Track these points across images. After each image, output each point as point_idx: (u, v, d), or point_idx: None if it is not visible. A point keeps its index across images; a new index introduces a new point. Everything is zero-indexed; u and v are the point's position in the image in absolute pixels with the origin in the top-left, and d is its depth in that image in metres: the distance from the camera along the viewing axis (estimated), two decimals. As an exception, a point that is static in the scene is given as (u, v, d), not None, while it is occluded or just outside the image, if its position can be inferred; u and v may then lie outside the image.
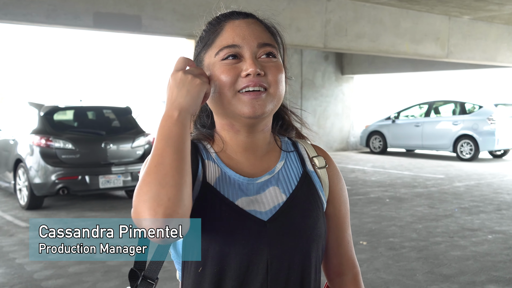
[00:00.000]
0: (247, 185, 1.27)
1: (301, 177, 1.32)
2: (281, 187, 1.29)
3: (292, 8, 9.73)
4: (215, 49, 1.24)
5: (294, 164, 1.35)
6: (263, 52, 1.25)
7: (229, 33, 1.25)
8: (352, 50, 11.08)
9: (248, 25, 1.26)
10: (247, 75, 1.21)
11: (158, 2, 8.14)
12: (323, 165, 1.36)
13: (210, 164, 1.28)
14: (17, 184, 8.39)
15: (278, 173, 1.31)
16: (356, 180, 11.31)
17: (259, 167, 1.31)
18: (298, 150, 1.38)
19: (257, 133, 1.29)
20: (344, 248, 1.40)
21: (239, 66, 1.22)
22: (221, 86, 1.22)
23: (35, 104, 8.76)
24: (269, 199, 1.27)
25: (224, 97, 1.22)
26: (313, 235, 1.27)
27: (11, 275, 5.08)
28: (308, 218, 1.27)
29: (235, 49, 1.23)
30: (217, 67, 1.23)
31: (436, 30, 12.05)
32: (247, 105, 1.21)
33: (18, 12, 7.17)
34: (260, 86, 1.21)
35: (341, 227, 1.39)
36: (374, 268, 5.28)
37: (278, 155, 1.35)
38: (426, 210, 8.12)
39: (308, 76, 17.04)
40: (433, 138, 15.49)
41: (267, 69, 1.24)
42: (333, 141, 17.84)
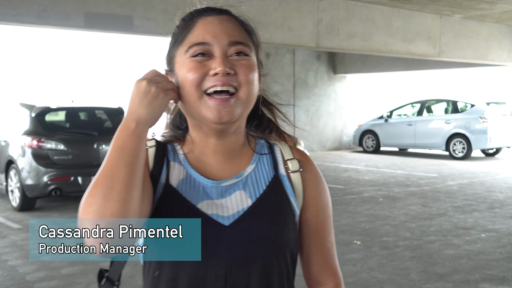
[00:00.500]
0: (211, 188, 1.22)
1: (270, 181, 1.26)
2: (248, 192, 1.23)
3: (284, 8, 9.72)
4: (185, 46, 1.20)
5: (265, 167, 1.28)
6: (234, 50, 1.20)
7: (200, 30, 1.20)
8: (344, 49, 11.09)
9: (221, 22, 1.21)
10: (215, 74, 1.16)
11: (150, 2, 8.10)
12: (296, 168, 1.29)
13: (176, 166, 1.24)
14: (9, 185, 8.34)
15: (247, 177, 1.25)
16: (350, 179, 11.31)
17: (228, 170, 1.25)
18: (273, 153, 1.32)
19: (228, 135, 1.24)
20: (324, 256, 1.33)
21: (208, 64, 1.17)
22: (188, 84, 1.17)
23: (26, 105, 8.71)
24: (234, 204, 1.21)
25: (190, 97, 1.17)
26: (279, 243, 1.20)
27: (4, 277, 5.04)
28: (274, 225, 1.21)
29: (205, 46, 1.18)
30: (186, 64, 1.18)
31: (428, 29, 12.07)
32: (212, 111, 1.16)
33: (8, 13, 7.12)
34: (229, 86, 1.16)
35: (320, 234, 1.32)
36: (368, 268, 5.28)
37: (250, 158, 1.29)
38: (420, 209, 8.13)
39: (301, 76, 17.04)
40: (426, 137, 15.53)
41: (238, 68, 1.18)
42: (326, 140, 17.84)
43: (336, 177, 11.65)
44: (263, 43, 6.00)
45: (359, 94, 18.92)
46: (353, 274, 5.08)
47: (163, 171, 1.22)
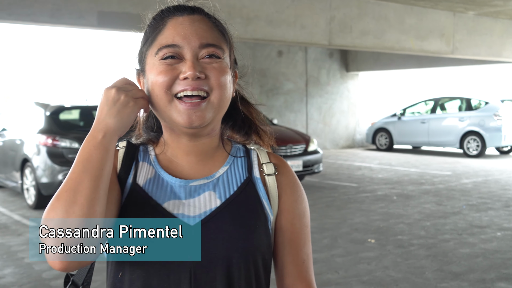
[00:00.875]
0: (179, 187, 1.19)
1: (242, 183, 1.22)
2: (217, 193, 1.19)
3: (297, 6, 9.70)
4: (155, 48, 1.16)
5: (239, 170, 1.24)
6: (206, 53, 1.15)
7: (170, 31, 1.16)
8: (357, 47, 11.05)
9: (192, 23, 1.17)
10: (185, 78, 1.12)
11: (163, 1, 8.11)
12: (271, 172, 1.25)
13: (144, 166, 1.22)
14: (24, 183, 8.40)
15: (219, 178, 1.22)
16: (363, 177, 11.28)
17: (200, 171, 1.22)
18: (249, 156, 1.28)
19: (201, 138, 1.21)
20: (298, 268, 1.25)
21: (178, 67, 1.14)
22: (157, 88, 1.14)
23: (41, 104, 8.78)
24: (202, 204, 1.18)
25: (160, 100, 1.14)
26: (247, 246, 1.15)
27: (20, 274, 5.08)
28: (242, 227, 1.16)
29: (175, 49, 1.14)
30: (155, 66, 1.15)
31: (441, 26, 12.00)
32: (183, 115, 1.13)
33: (22, 12, 7.17)
34: (199, 90, 1.13)
35: (295, 244, 1.25)
36: (383, 266, 5.26)
37: (224, 160, 1.25)
38: (434, 207, 8.08)
39: (313, 74, 17.00)
40: (440, 134, 15.44)
41: (209, 71, 1.14)
42: (339, 138, 17.80)
43: (349, 175, 11.62)
44: (276, 41, 6.07)
45: (372, 91, 18.86)
46: (367, 272, 5.07)
47: (131, 171, 1.20)
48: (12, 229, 6.89)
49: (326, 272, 5.09)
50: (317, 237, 6.36)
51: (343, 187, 10.05)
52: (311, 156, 9.82)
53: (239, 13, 9.05)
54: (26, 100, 9.71)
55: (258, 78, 15.71)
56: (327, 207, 8.12)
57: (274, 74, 16.08)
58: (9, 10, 7.07)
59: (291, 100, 16.51)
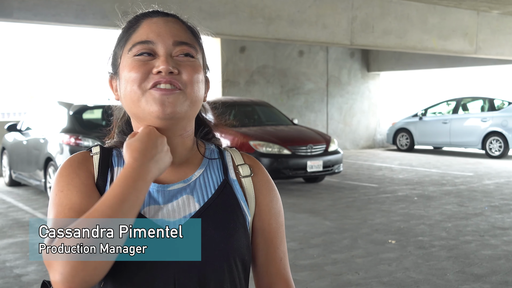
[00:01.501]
0: (157, 192, 1.17)
1: (220, 185, 1.22)
2: (195, 196, 1.19)
3: (319, 5, 9.70)
4: (128, 46, 1.17)
5: (215, 172, 1.24)
6: (180, 51, 1.16)
7: (144, 29, 1.17)
8: (379, 46, 11.01)
9: (166, 23, 1.18)
10: (158, 73, 1.13)
11: (185, 1, 8.17)
12: (247, 173, 1.25)
13: (120, 171, 1.19)
14: (47, 182, 8.50)
15: (195, 181, 1.21)
16: (384, 178, 11.23)
17: (175, 175, 1.21)
18: (223, 158, 1.28)
19: (174, 138, 1.19)
20: (275, 266, 1.27)
21: (152, 63, 1.14)
22: (130, 83, 1.13)
23: (64, 103, 8.88)
24: (181, 208, 1.17)
25: (134, 95, 1.13)
26: (228, 248, 1.16)
27: (43, 272, 5.15)
28: (223, 230, 1.16)
29: (149, 45, 1.15)
30: (129, 63, 1.15)
31: (464, 26, 11.90)
32: (156, 102, 1.11)
33: (47, 13, 7.27)
34: (172, 84, 1.12)
35: (272, 243, 1.27)
36: (404, 267, 5.24)
37: (199, 163, 1.24)
38: (455, 209, 8.02)
39: (334, 74, 16.96)
40: (461, 135, 15.30)
41: (182, 67, 1.15)
42: (360, 138, 17.74)
43: (369, 175, 11.57)
44: (297, 41, 6.10)
45: (393, 91, 18.74)
46: (388, 273, 5.05)
47: (108, 178, 1.18)
48: (35, 227, 6.97)
49: (346, 273, 5.08)
50: (337, 237, 6.35)
51: (364, 187, 10.02)
52: (331, 156, 9.80)
53: (261, 13, 9.07)
54: (49, 100, 9.83)
55: (279, 78, 15.72)
56: (347, 208, 8.11)
57: (295, 74, 16.07)
58: (35, 10, 7.18)
59: (311, 100, 16.49)
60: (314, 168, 9.55)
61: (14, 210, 8.11)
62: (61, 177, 1.15)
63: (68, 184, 1.13)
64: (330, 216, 7.51)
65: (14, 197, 9.26)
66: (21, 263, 5.42)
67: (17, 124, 10.08)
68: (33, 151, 9.08)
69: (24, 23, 7.86)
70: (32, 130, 9.41)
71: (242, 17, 8.84)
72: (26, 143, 9.39)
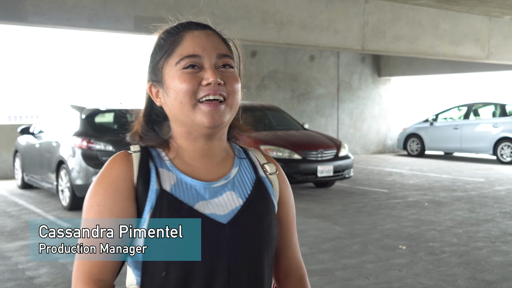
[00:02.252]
0: (204, 189, 1.30)
1: (255, 182, 1.38)
2: (237, 192, 1.34)
3: (330, 10, 9.71)
4: (175, 58, 1.28)
5: (247, 170, 1.40)
6: (221, 62, 1.29)
7: (189, 43, 1.28)
8: (390, 52, 11.00)
9: (208, 37, 1.30)
10: (207, 84, 1.25)
11: (197, 6, 8.22)
12: (274, 171, 1.42)
13: (164, 172, 1.30)
14: (59, 185, 8.56)
15: (234, 178, 1.36)
16: (394, 183, 11.21)
17: (216, 173, 1.34)
18: (249, 157, 1.44)
19: (214, 140, 1.33)
20: (292, 251, 1.48)
21: (200, 75, 1.26)
22: (182, 94, 1.25)
23: (76, 107, 8.94)
24: (227, 203, 1.31)
25: (184, 106, 1.26)
26: (268, 238, 1.33)
27: (55, 274, 5.19)
28: (263, 221, 1.32)
29: (196, 59, 1.27)
30: (178, 75, 1.26)
31: (476, 31, 11.87)
32: (207, 116, 1.25)
33: (61, 17, 7.34)
34: (219, 95, 1.26)
35: (290, 231, 1.47)
36: (414, 273, 5.23)
37: (233, 162, 1.39)
38: (466, 214, 7.99)
39: (345, 79, 16.96)
40: (473, 140, 15.24)
41: (226, 78, 1.28)
42: (370, 143, 17.71)
43: (380, 181, 11.55)
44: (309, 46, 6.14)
45: (404, 97, 18.70)
46: (398, 279, 5.05)
47: (152, 177, 1.28)
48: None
49: (357, 278, 5.08)
50: (347, 242, 6.35)
51: (374, 192, 10.01)
52: (342, 161, 9.80)
53: (273, 18, 9.10)
54: (62, 103, 9.89)
55: (290, 82, 15.74)
56: (358, 213, 8.10)
57: (305, 78, 16.09)
58: (49, 15, 7.25)
59: (322, 105, 16.49)
60: (324, 173, 9.55)
61: (26, 212, 8.17)
62: (100, 187, 1.27)
63: (104, 199, 1.25)
64: (340, 221, 7.50)
65: (26, 199, 9.33)
66: (33, 265, 5.46)
67: (29, 127, 10.16)
68: (45, 154, 9.14)
69: (38, 27, 7.93)
70: (45, 133, 9.47)
71: (254, 22, 8.88)
72: (38, 146, 9.46)
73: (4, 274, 5.18)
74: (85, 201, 1.27)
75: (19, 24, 7.49)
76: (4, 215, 7.99)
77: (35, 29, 8.90)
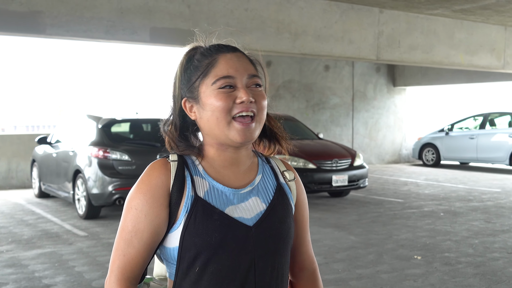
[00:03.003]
0: (233, 195, 1.47)
1: (276, 188, 1.54)
2: (261, 197, 1.50)
3: (345, 21, 9.74)
4: (211, 79, 1.43)
5: (269, 177, 1.56)
6: (251, 82, 1.45)
7: (223, 65, 1.44)
8: (405, 62, 10.99)
9: (238, 59, 1.47)
10: (241, 102, 1.41)
11: (212, 17, 8.29)
12: (292, 178, 1.59)
13: (198, 180, 1.46)
14: (75, 194, 8.63)
15: (258, 185, 1.52)
16: (409, 193, 11.16)
17: (242, 180, 1.51)
18: (271, 165, 1.60)
19: (242, 151, 1.50)
20: (306, 247, 1.66)
21: (234, 94, 1.42)
22: (218, 111, 1.41)
23: (93, 117, 9.03)
24: (253, 208, 1.47)
25: (220, 122, 1.42)
26: (288, 238, 1.50)
27: (71, 282, 5.24)
28: (284, 224, 1.49)
29: (230, 80, 1.43)
30: (215, 94, 1.42)
31: (492, 41, 11.82)
32: (240, 134, 1.42)
33: (78, 29, 7.44)
34: (251, 111, 1.42)
35: (304, 229, 1.64)
36: (429, 284, 5.21)
37: (257, 169, 1.56)
38: (483, 225, 7.94)
39: (360, 88, 16.94)
40: (489, 150, 15.13)
41: (256, 96, 1.44)
42: (385, 153, 17.65)
43: (395, 190, 11.51)
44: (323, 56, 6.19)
45: (419, 106, 18.63)
46: (414, 289, 5.03)
47: (188, 184, 1.44)
48: (63, 238, 7.10)
49: (372, 288, 5.07)
50: (362, 252, 6.34)
51: (389, 202, 9.97)
52: (356, 171, 9.79)
53: (288, 28, 9.14)
54: (79, 113, 9.99)
55: (305, 92, 15.76)
56: (373, 223, 8.08)
57: (320, 88, 16.10)
58: (66, 26, 7.35)
59: (337, 115, 16.48)
60: (339, 183, 9.54)
61: (43, 221, 8.26)
62: (140, 192, 1.43)
63: (142, 204, 1.42)
64: (355, 231, 7.49)
65: (43, 208, 9.42)
66: (50, 273, 5.52)
67: (47, 137, 10.28)
68: (62, 164, 9.23)
69: (56, 39, 8.04)
70: (62, 143, 9.57)
71: (268, 33, 8.93)
72: (55, 156, 9.56)
73: (21, 282, 5.24)
74: (126, 202, 1.44)
75: (38, 36, 7.60)
76: (21, 223, 8.08)
77: (53, 40, 9.02)
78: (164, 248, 1.45)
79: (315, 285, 1.67)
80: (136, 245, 1.41)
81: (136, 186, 1.44)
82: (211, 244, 1.38)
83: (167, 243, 1.44)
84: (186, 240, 1.39)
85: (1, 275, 5.47)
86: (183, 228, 1.40)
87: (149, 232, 1.41)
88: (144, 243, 1.41)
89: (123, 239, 1.42)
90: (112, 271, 1.42)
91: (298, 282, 1.67)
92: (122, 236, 1.42)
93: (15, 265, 5.83)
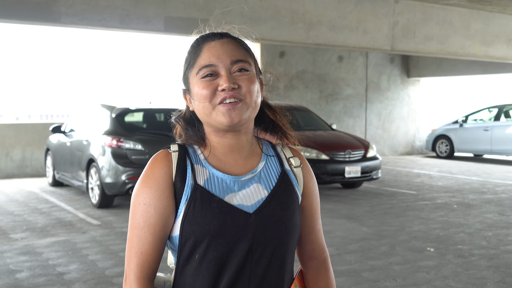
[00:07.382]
0: (233, 183, 1.47)
1: (279, 175, 1.53)
2: (263, 184, 1.49)
3: (359, 11, 9.67)
4: (196, 69, 1.45)
5: (273, 164, 1.55)
6: (236, 67, 1.44)
7: (206, 54, 1.45)
8: (420, 52, 10.91)
9: (222, 45, 1.46)
10: (222, 90, 1.41)
11: (227, 6, 8.27)
12: (298, 164, 1.57)
13: (199, 168, 1.47)
14: (89, 183, 8.68)
15: (260, 172, 1.51)
16: (422, 185, 11.11)
17: (244, 167, 1.50)
18: (276, 151, 1.58)
19: (240, 136, 1.49)
20: (315, 236, 1.63)
21: (216, 82, 1.42)
22: (202, 99, 1.43)
23: (107, 106, 9.06)
24: (254, 194, 1.47)
25: (206, 109, 1.43)
26: (291, 225, 1.47)
27: (84, 270, 5.28)
28: (287, 210, 1.47)
29: (212, 68, 1.43)
30: (198, 84, 1.44)
31: (509, 31, 11.69)
32: (225, 115, 1.41)
33: (93, 18, 7.45)
34: (235, 98, 1.41)
35: (314, 218, 1.61)
36: (443, 276, 5.19)
37: (260, 156, 1.55)
38: (496, 217, 7.89)
39: (373, 79, 16.85)
40: (503, 142, 15.01)
41: (241, 81, 1.43)
42: (398, 145, 17.57)
43: (408, 182, 11.46)
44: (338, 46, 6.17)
45: (433, 98, 18.51)
46: (426, 281, 5.01)
47: (188, 173, 1.45)
48: (77, 227, 7.15)
49: (384, 279, 5.06)
50: (374, 244, 6.32)
51: (402, 194, 9.94)
52: (369, 162, 9.76)
53: (302, 18, 9.10)
54: (93, 102, 10.03)
55: (318, 83, 15.71)
56: (385, 214, 8.06)
57: (334, 79, 16.04)
58: (81, 15, 7.37)
59: (350, 106, 16.42)
60: (352, 174, 9.51)
61: (57, 209, 8.32)
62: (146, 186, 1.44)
63: (150, 198, 1.42)
64: (367, 222, 7.47)
65: (57, 197, 9.49)
66: (64, 261, 5.57)
67: (61, 126, 10.33)
68: (76, 153, 9.28)
69: (71, 28, 8.06)
70: (76, 132, 9.62)
71: (283, 22, 8.89)
72: (69, 145, 9.61)
73: (36, 270, 5.29)
74: (133, 198, 1.45)
75: (53, 25, 7.63)
76: (35, 212, 8.14)
77: (67, 29, 9.05)
78: (169, 236, 1.47)
79: (325, 275, 1.64)
80: (151, 240, 1.42)
81: (140, 181, 1.45)
82: (210, 232, 1.39)
83: (171, 231, 1.45)
84: (185, 229, 1.40)
85: (16, 263, 5.53)
86: (183, 216, 1.41)
87: (161, 225, 1.42)
88: (158, 237, 1.42)
89: (136, 236, 1.42)
90: (131, 270, 1.42)
91: (308, 271, 1.64)
92: (135, 233, 1.42)
93: (29, 253, 5.89)
